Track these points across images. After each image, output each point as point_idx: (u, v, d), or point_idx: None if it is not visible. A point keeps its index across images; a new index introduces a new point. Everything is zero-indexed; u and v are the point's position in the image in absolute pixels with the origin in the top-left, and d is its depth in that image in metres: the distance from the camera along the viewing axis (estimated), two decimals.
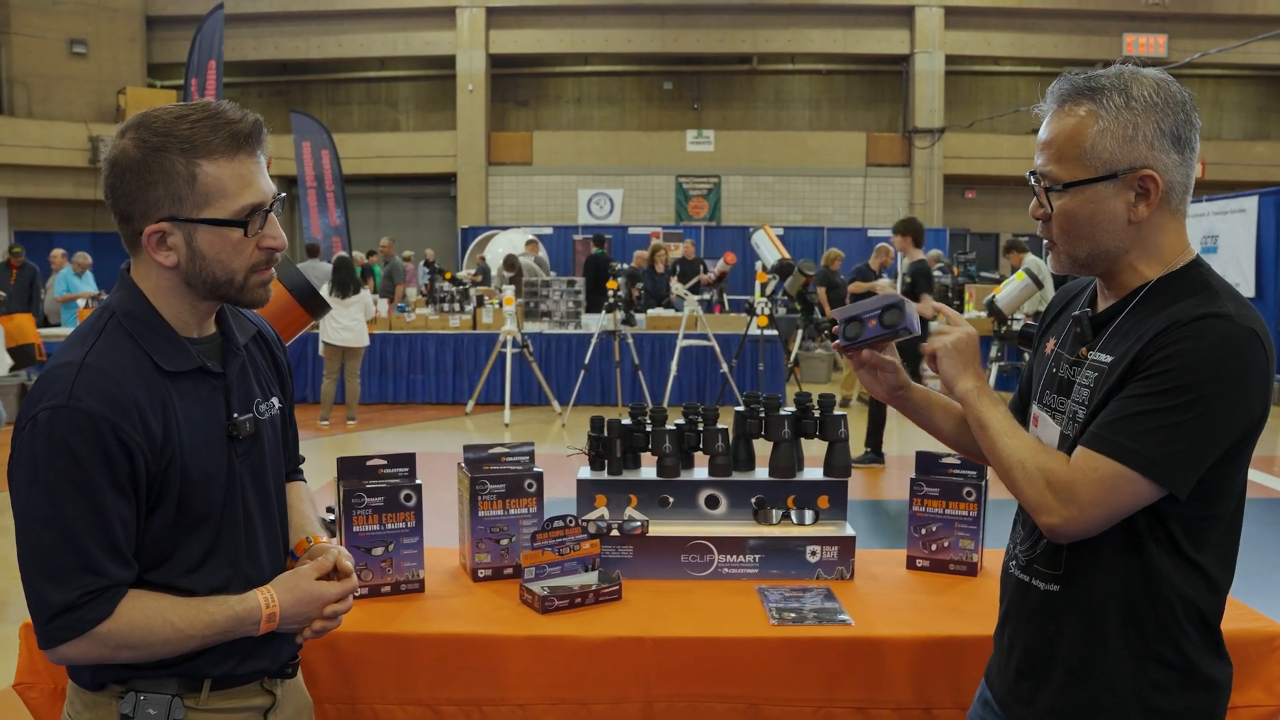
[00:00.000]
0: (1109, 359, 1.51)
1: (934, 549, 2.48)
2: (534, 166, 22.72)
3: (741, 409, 2.52)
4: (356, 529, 2.25)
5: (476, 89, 22.26)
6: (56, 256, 13.20)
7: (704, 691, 2.04)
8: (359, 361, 9.88)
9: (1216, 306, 1.43)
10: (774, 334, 10.22)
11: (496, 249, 16.53)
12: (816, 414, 2.50)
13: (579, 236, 20.33)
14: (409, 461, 2.35)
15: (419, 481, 2.33)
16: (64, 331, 11.50)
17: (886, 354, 1.82)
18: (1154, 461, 1.41)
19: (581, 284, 11.68)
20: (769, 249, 9.87)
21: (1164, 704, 1.51)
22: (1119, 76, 1.50)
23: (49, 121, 20.28)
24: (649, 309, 11.84)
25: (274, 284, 2.01)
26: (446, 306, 11.50)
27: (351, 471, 2.30)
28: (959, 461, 2.47)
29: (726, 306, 13.61)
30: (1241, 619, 2.09)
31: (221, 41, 15.66)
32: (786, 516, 2.45)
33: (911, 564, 2.51)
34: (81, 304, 12.21)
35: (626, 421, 2.51)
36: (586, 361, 10.22)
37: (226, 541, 1.53)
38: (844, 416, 2.50)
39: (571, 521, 2.29)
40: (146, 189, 1.44)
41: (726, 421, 2.50)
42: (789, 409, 2.53)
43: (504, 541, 2.39)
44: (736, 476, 2.48)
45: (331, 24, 22.41)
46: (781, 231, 15.27)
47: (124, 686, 1.49)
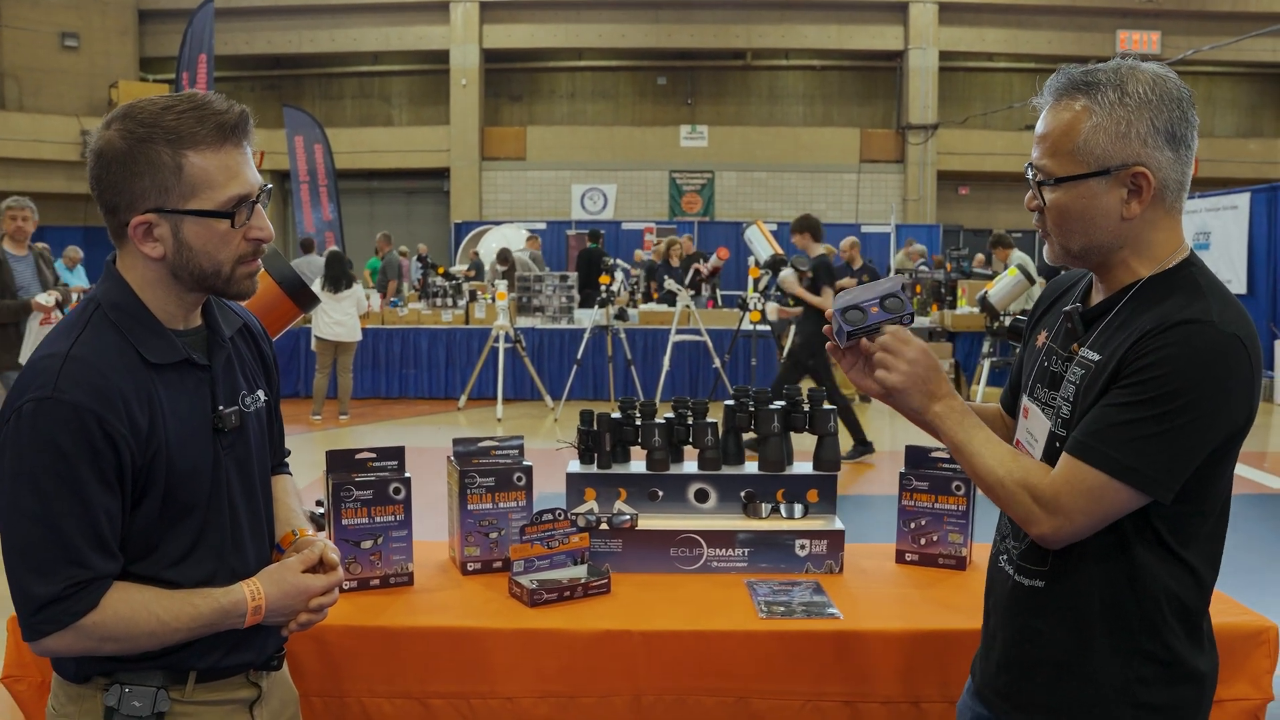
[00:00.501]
0: (1097, 358, 1.51)
1: (923, 543, 2.49)
2: (527, 161, 22.70)
3: (731, 403, 2.53)
4: (345, 522, 2.25)
5: (470, 83, 22.23)
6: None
7: (693, 685, 2.04)
8: (351, 356, 9.87)
9: (1200, 311, 1.43)
10: (766, 329, 10.23)
11: (490, 244, 16.51)
12: (806, 408, 2.50)
13: (572, 231, 20.33)
14: (398, 455, 2.34)
15: (408, 475, 2.32)
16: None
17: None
18: (1137, 471, 1.42)
19: (574, 279, 11.66)
20: (762, 245, 9.85)
21: (1150, 698, 1.51)
22: (1116, 71, 1.49)
23: (40, 115, 20.23)
24: (664, 304, 11.80)
25: (263, 277, 2.01)
26: (439, 301, 11.48)
27: (340, 465, 2.29)
28: (948, 456, 2.47)
29: (719, 302, 13.60)
30: (1229, 613, 2.09)
31: (212, 35, 15.63)
32: (776, 510, 2.45)
33: (900, 558, 2.51)
34: (74, 298, 12.17)
35: (616, 415, 2.51)
36: (579, 356, 10.21)
37: (212, 534, 1.52)
38: (833, 410, 2.50)
39: (560, 515, 2.29)
40: (132, 180, 1.43)
41: (715, 416, 2.50)
42: (778, 403, 2.53)
43: (493, 535, 2.38)
44: (726, 470, 2.48)
45: (324, 18, 22.37)
46: (775, 227, 15.22)
47: (109, 679, 1.49)
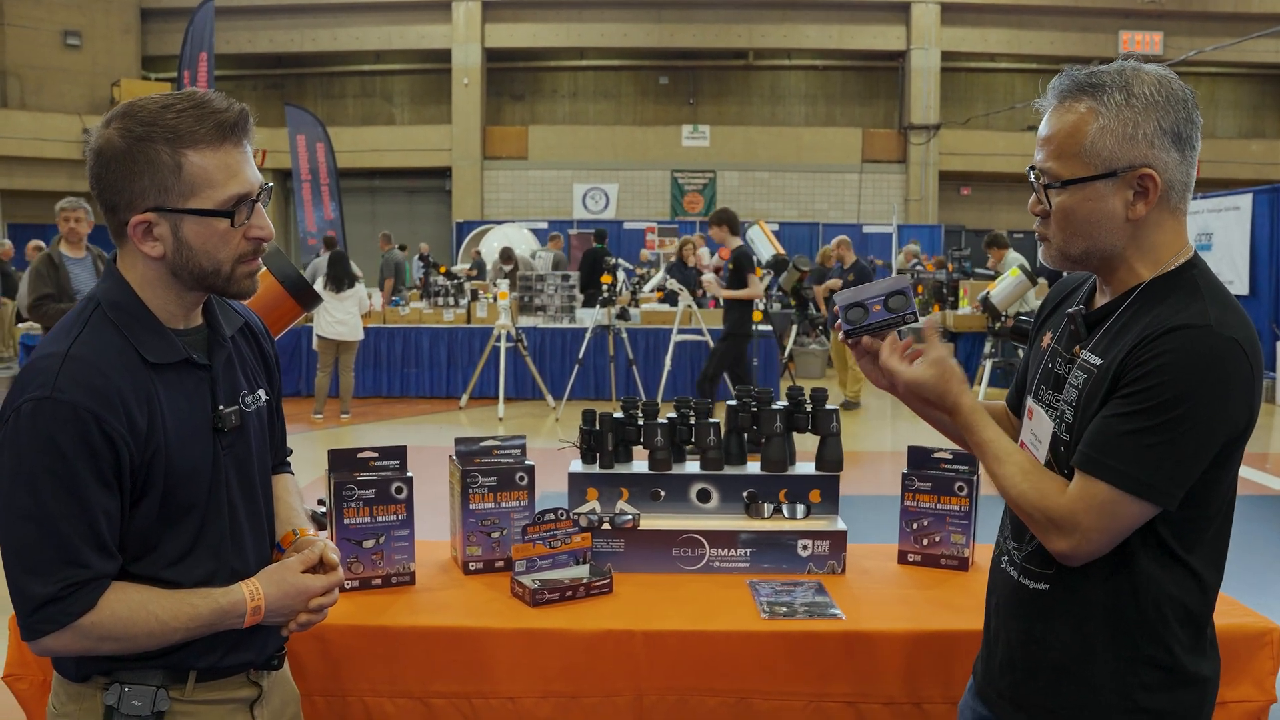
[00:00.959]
0: (1099, 362, 1.51)
1: (925, 544, 2.48)
2: (529, 161, 22.70)
3: (733, 403, 2.52)
4: (347, 521, 2.24)
5: (472, 83, 22.23)
6: (29, 250, 13.39)
7: (695, 685, 2.03)
8: (353, 355, 9.86)
9: (1198, 315, 1.43)
10: (769, 329, 10.23)
11: (492, 243, 16.51)
12: (809, 408, 2.49)
13: (574, 231, 20.33)
14: (400, 454, 2.34)
15: (410, 474, 2.32)
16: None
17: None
18: (1148, 484, 1.42)
19: (576, 278, 11.65)
20: (764, 244, 9.89)
21: (1151, 704, 1.51)
22: (1120, 73, 1.48)
23: (42, 113, 20.24)
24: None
25: (265, 275, 2.01)
26: (441, 300, 11.48)
27: (342, 464, 2.29)
28: (951, 456, 2.47)
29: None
30: (1232, 614, 2.08)
31: (212, 34, 15.63)
32: (778, 511, 2.44)
33: (903, 559, 2.50)
34: None
35: (618, 415, 2.50)
36: (581, 356, 10.21)
37: (211, 534, 1.52)
38: (836, 411, 2.50)
39: (563, 515, 2.29)
40: (132, 179, 1.43)
41: (718, 417, 2.49)
42: (781, 403, 2.52)
43: (495, 534, 2.38)
44: (728, 470, 2.47)
45: (326, 17, 22.37)
46: (777, 227, 15.27)
47: (108, 678, 1.48)
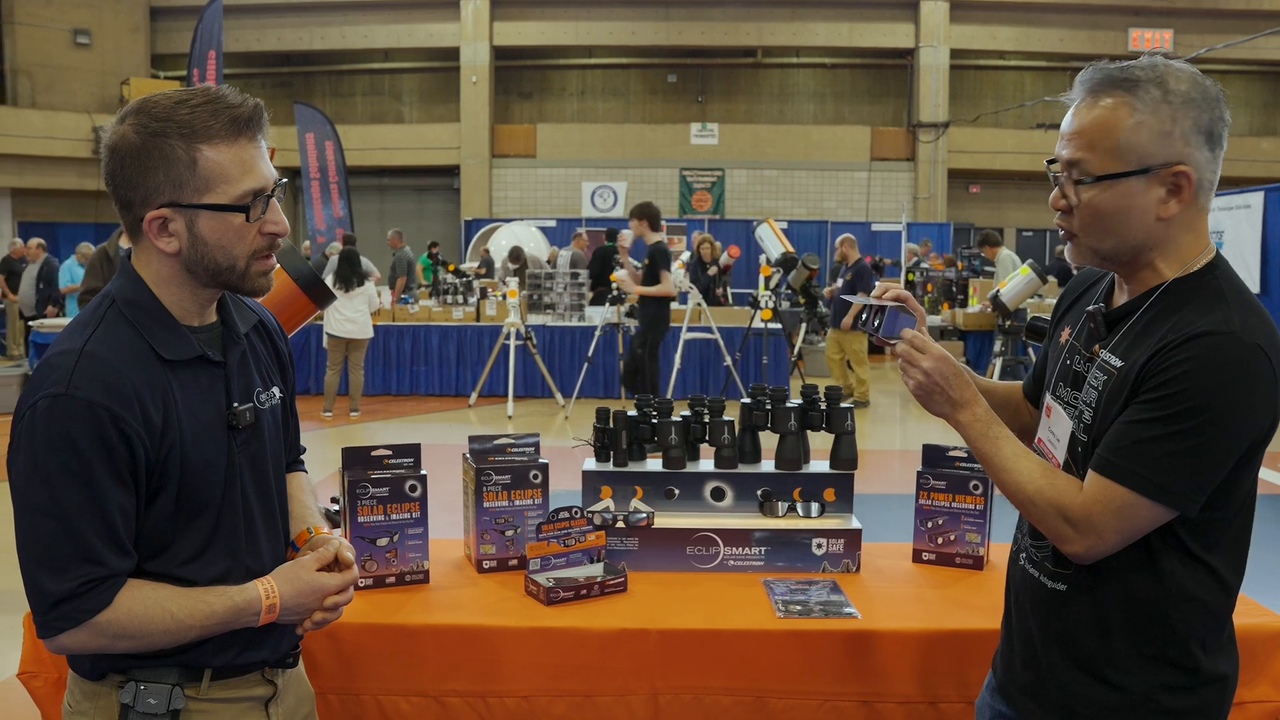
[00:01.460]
0: (1120, 364, 1.49)
1: (940, 542, 2.47)
2: (537, 159, 22.69)
3: (748, 401, 2.51)
4: (361, 519, 2.24)
5: (480, 81, 22.23)
6: (32, 247, 13.43)
7: (710, 684, 2.03)
8: (362, 353, 9.87)
9: (1221, 321, 1.41)
10: (778, 327, 10.20)
11: (500, 241, 16.51)
12: (823, 406, 2.48)
13: (582, 229, 20.33)
14: (414, 452, 2.33)
15: (424, 472, 2.31)
16: (65, 323, 11.56)
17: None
18: (1165, 488, 1.41)
19: (585, 276, 11.64)
20: (773, 243, 9.85)
21: (1173, 704, 1.50)
22: (1154, 68, 1.46)
23: (52, 112, 20.29)
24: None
25: (279, 273, 2.00)
26: (450, 298, 11.48)
27: (357, 462, 2.29)
28: (966, 455, 2.45)
29: (730, 300, 13.59)
30: (1249, 614, 2.07)
31: (221, 32, 15.65)
32: (792, 509, 2.43)
33: (918, 557, 2.49)
34: None
35: (632, 413, 2.50)
36: (590, 354, 10.20)
37: (226, 532, 1.51)
38: (850, 409, 2.48)
39: (577, 513, 2.28)
40: (147, 175, 1.42)
41: (732, 414, 2.48)
42: (795, 401, 2.51)
43: (509, 533, 2.37)
44: (742, 469, 2.46)
45: (334, 15, 22.39)
46: (785, 225, 15.22)
47: (124, 676, 1.48)
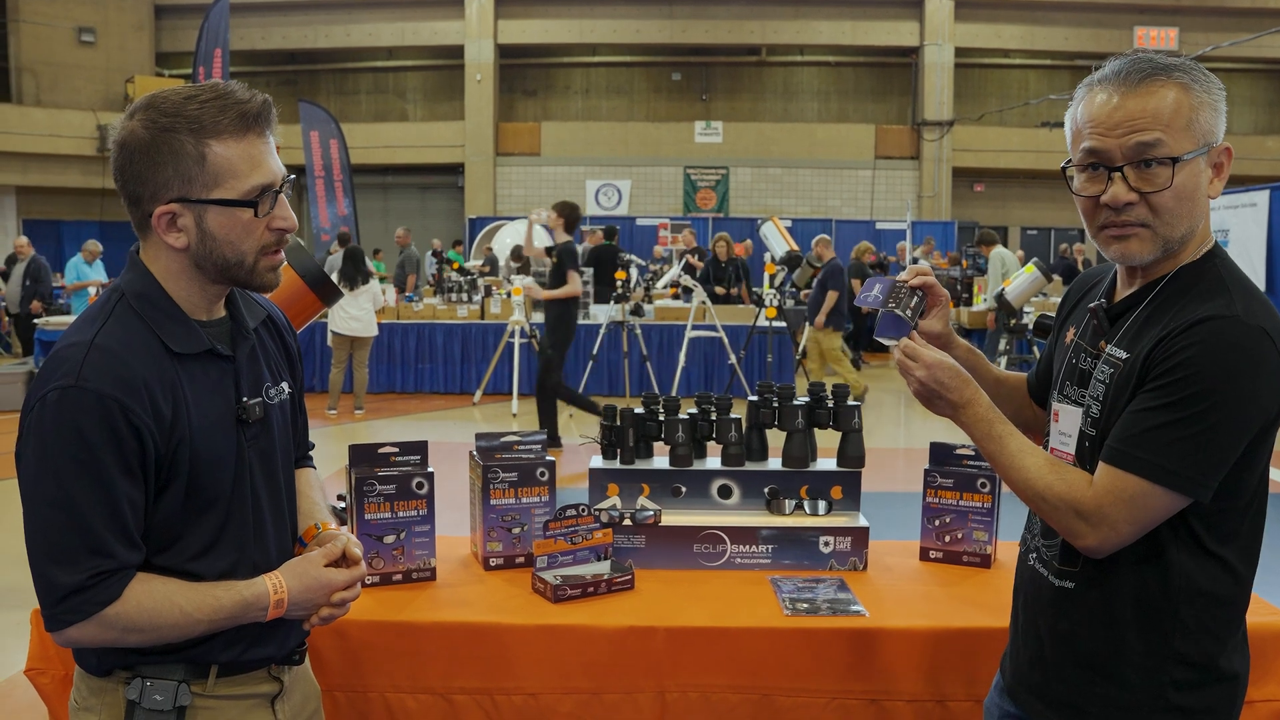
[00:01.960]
0: (1125, 355, 1.49)
1: (947, 540, 2.46)
2: (542, 157, 22.69)
3: (755, 398, 2.50)
4: (368, 516, 2.24)
5: (485, 79, 22.23)
6: (21, 245, 13.49)
7: (717, 682, 2.02)
8: (367, 351, 9.88)
9: (1224, 306, 1.41)
10: (782, 325, 10.20)
11: (504, 239, 16.50)
12: (830, 404, 2.47)
13: (586, 227, 20.32)
14: (421, 449, 2.33)
15: (431, 469, 2.31)
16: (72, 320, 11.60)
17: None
18: (1177, 474, 1.41)
19: (590, 274, 11.63)
20: (778, 241, 9.83)
21: (1183, 701, 1.49)
22: (1179, 57, 1.48)
23: (57, 110, 20.32)
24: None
25: (286, 270, 2.00)
26: (454, 296, 11.48)
27: (364, 459, 2.28)
28: (973, 453, 2.45)
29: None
30: (1258, 613, 2.06)
31: (227, 30, 15.67)
32: (800, 507, 2.43)
33: (925, 555, 2.49)
34: (92, 291, 12.31)
35: (639, 411, 2.49)
36: (595, 352, 10.19)
37: (234, 526, 1.51)
38: (858, 407, 2.48)
39: (584, 510, 2.28)
40: (156, 170, 1.42)
41: (738, 412, 2.48)
42: (802, 399, 2.51)
43: (516, 530, 2.37)
44: (749, 466, 2.46)
45: (339, 13, 22.40)
46: (790, 223, 15.19)
47: (130, 672, 1.48)
